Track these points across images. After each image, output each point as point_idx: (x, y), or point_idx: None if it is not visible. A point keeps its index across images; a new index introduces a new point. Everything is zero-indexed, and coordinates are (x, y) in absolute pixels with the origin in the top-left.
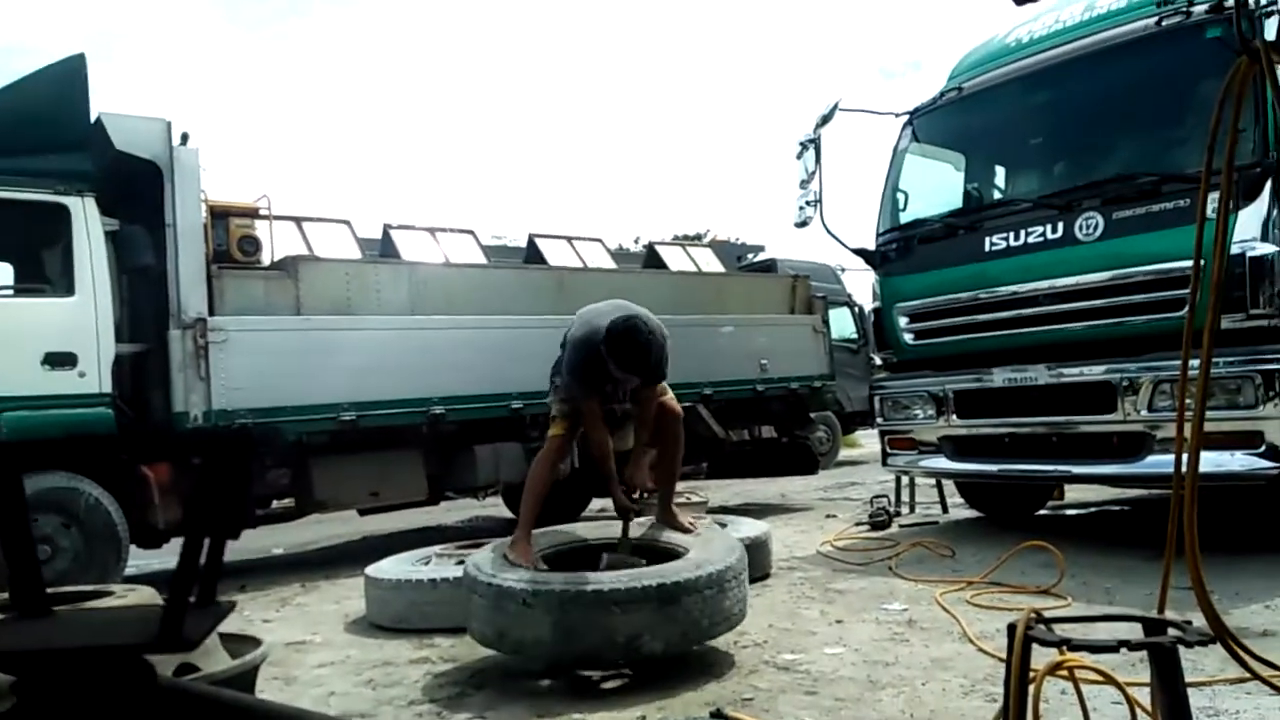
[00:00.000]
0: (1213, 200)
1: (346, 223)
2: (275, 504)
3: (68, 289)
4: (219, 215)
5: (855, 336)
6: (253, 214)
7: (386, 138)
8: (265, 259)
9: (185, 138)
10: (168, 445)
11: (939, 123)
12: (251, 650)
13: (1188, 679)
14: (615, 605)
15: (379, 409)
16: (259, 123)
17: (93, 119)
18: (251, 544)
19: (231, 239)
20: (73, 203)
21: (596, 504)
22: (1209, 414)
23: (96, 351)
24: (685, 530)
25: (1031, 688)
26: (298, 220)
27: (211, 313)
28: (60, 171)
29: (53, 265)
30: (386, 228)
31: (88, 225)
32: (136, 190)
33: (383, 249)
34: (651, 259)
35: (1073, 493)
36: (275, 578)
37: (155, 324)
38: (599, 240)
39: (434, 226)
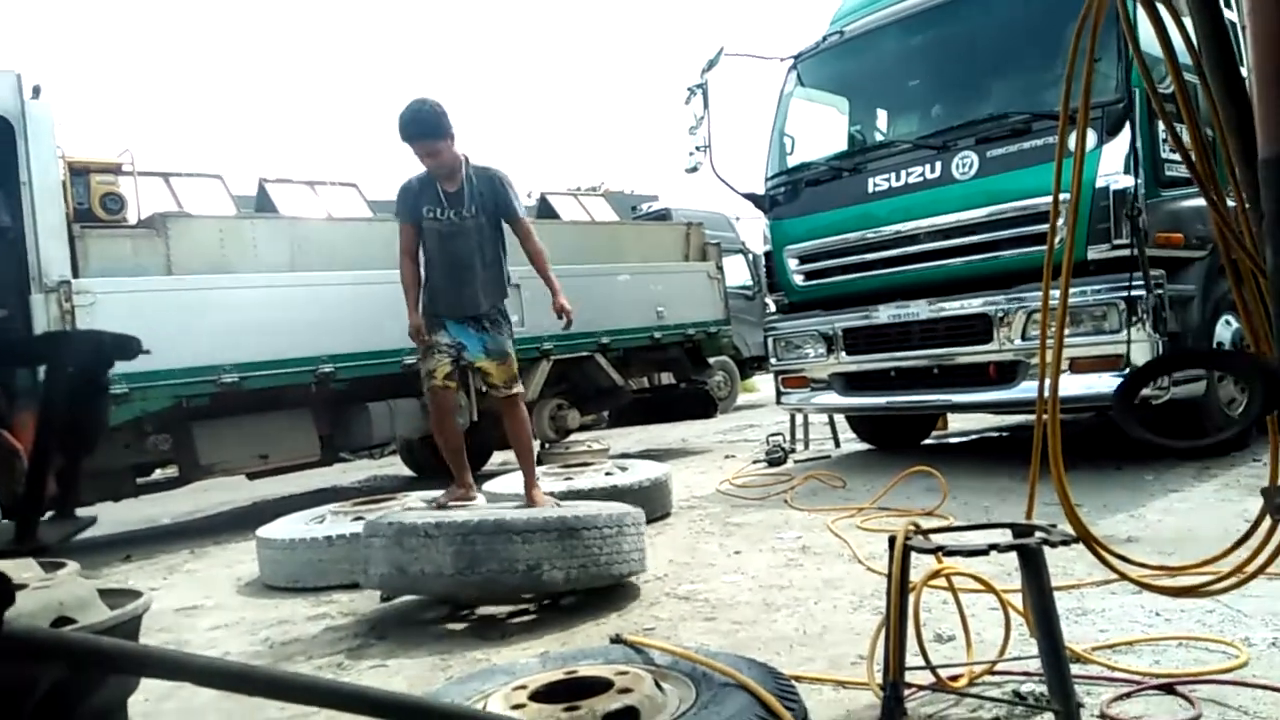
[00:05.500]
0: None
1: (219, 178)
2: (158, 472)
3: None
4: (79, 172)
5: (751, 283)
6: (115, 170)
7: (259, 92)
8: (131, 217)
9: (37, 91)
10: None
11: (822, 67)
12: (132, 603)
13: (1058, 584)
14: (517, 535)
15: (263, 369)
16: (119, 76)
17: None
18: (135, 514)
19: (93, 197)
20: None
21: (498, 458)
22: (1079, 341)
23: None
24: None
25: (912, 596)
26: (165, 176)
27: (76, 275)
28: None
29: None
30: (262, 182)
31: None
32: None
33: (259, 204)
34: (544, 209)
35: (956, 422)
36: (162, 546)
37: (16, 288)
38: None
39: (313, 180)
